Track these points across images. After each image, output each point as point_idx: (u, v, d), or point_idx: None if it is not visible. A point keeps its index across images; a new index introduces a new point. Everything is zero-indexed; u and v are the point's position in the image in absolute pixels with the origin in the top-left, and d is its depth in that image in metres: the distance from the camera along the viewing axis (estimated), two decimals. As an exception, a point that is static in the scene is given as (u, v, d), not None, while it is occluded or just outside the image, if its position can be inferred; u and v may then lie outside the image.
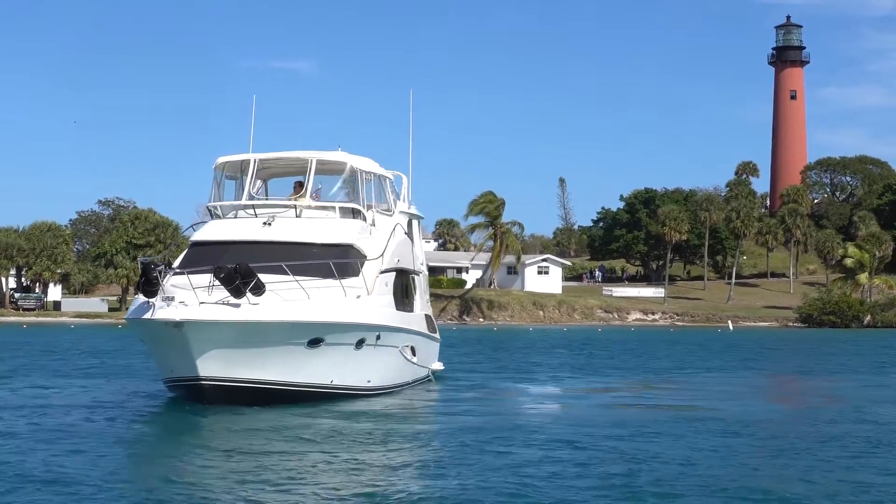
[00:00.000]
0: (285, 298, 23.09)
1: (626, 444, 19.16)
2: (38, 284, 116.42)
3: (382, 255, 26.89)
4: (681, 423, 22.15)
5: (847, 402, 27.73)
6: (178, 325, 22.12)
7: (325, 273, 24.43)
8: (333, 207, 27.02)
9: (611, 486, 15.23)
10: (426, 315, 31.79)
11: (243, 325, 22.45)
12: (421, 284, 31.53)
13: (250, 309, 22.44)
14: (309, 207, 26.71)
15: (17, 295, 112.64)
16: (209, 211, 27.95)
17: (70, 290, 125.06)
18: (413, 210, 32.16)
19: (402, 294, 28.85)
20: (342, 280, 24.50)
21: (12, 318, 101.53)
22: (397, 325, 27.36)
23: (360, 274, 25.54)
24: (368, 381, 26.15)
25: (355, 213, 27.21)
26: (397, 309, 27.69)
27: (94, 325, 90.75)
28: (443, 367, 33.78)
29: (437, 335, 33.11)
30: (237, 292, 22.22)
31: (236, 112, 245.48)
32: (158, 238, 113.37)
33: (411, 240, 31.12)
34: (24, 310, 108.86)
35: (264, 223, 25.94)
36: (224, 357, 22.67)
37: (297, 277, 23.60)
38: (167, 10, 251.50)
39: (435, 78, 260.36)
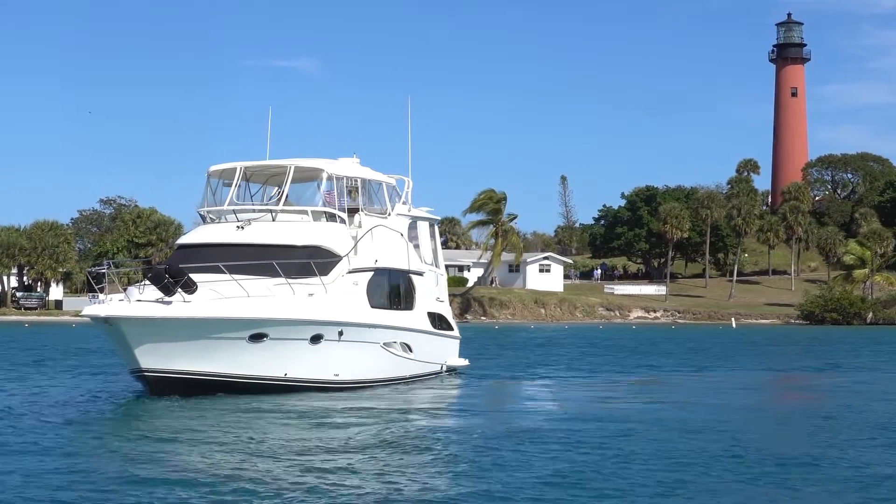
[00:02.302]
0: (224, 296, 24.71)
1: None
2: (39, 283, 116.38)
3: (350, 255, 28.09)
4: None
5: None
6: (107, 321, 24.21)
7: (292, 272, 26.19)
8: (306, 211, 28.75)
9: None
10: (432, 313, 32.39)
11: (172, 321, 24.15)
12: (425, 284, 32.18)
13: (181, 306, 24.17)
14: (284, 212, 28.49)
15: (18, 294, 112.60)
16: (200, 216, 29.83)
17: (72, 289, 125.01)
18: (419, 212, 33.15)
19: (389, 292, 30.01)
20: (290, 278, 26.00)
21: (14, 318, 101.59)
22: (371, 322, 28.46)
23: (322, 272, 26.91)
24: (336, 375, 27.53)
25: (329, 216, 28.73)
26: (375, 306, 28.84)
27: (95, 325, 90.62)
28: (467, 363, 34.69)
29: (453, 332, 33.92)
30: (167, 290, 24.04)
31: (239, 110, 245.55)
32: (160, 237, 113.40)
33: (414, 241, 32.13)
34: (26, 309, 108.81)
35: (237, 227, 27.85)
36: (163, 350, 24.46)
37: (253, 276, 25.43)
38: (170, 9, 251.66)
39: (436, 76, 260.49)
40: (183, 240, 29.68)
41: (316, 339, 26.57)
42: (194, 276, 24.92)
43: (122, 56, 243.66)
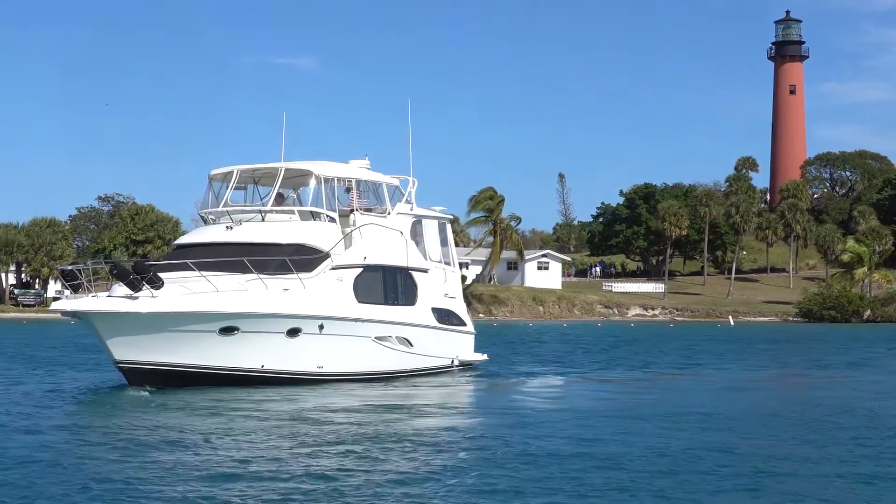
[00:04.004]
0: (194, 291, 25.89)
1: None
2: (37, 280, 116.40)
3: (335, 252, 29.08)
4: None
5: None
6: (75, 314, 25.89)
7: (274, 268, 27.42)
8: (293, 211, 30.15)
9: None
10: (439, 309, 33.07)
11: (140, 316, 25.30)
12: (430, 280, 32.87)
13: (147, 301, 25.10)
14: (271, 212, 29.87)
15: (16, 291, 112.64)
16: (202, 217, 31.50)
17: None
18: (425, 211, 33.97)
19: (384, 288, 30.82)
20: (272, 275, 27.23)
21: (12, 315, 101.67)
22: (357, 316, 29.31)
23: (305, 269, 28.03)
24: (320, 367, 28.52)
25: (315, 216, 29.90)
26: (364, 301, 29.69)
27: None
28: (485, 358, 35.52)
29: (466, 328, 34.64)
30: (132, 286, 25.27)
31: (236, 107, 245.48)
32: (158, 234, 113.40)
33: (419, 239, 33.04)
34: (24, 306, 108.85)
35: (227, 227, 29.27)
36: (135, 343, 25.73)
37: (233, 273, 26.59)
38: (168, 7, 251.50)
39: (435, 73, 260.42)
40: (180, 240, 31.53)
41: (293, 332, 27.57)
42: (178, 274, 26.19)
43: (121, 53, 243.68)
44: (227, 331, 26.55)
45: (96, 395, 26.38)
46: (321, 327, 28.12)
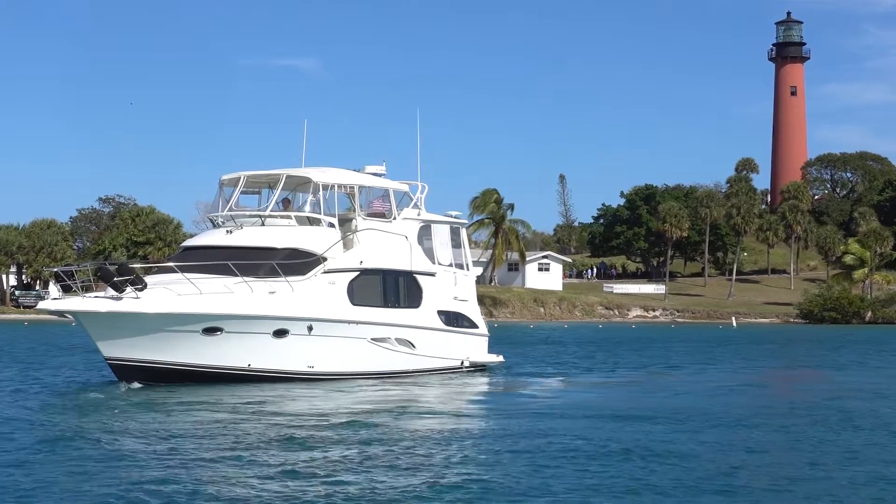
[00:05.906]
0: (178, 293, 26.87)
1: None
2: (38, 282, 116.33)
3: (329, 256, 29.78)
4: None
5: None
6: (60, 314, 27.27)
7: (265, 271, 28.32)
8: (290, 216, 30.99)
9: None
10: (447, 311, 33.52)
11: (124, 316, 26.33)
12: (437, 284, 33.28)
13: (129, 302, 26.33)
14: (271, 216, 30.78)
15: (17, 293, 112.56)
16: (211, 220, 32.54)
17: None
18: (435, 216, 34.39)
19: (383, 291, 31.52)
20: (253, 277, 28.08)
21: (13, 316, 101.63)
22: (349, 318, 29.99)
23: (297, 272, 28.91)
24: (310, 367, 29.40)
25: (313, 221, 30.72)
26: (359, 304, 30.38)
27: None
28: (500, 360, 36.10)
29: (478, 330, 35.07)
30: (116, 288, 26.34)
31: (236, 109, 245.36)
32: (159, 235, 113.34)
33: (427, 243, 33.53)
34: (25, 307, 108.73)
35: (227, 231, 30.29)
36: (122, 342, 26.87)
37: (223, 275, 27.55)
38: (167, 7, 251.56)
39: (435, 74, 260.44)
40: (186, 242, 33.17)
41: (280, 333, 28.57)
42: (176, 276, 27.26)
43: (121, 54, 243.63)
44: (211, 331, 27.57)
45: (71, 394, 26.67)
46: (310, 328, 28.97)
